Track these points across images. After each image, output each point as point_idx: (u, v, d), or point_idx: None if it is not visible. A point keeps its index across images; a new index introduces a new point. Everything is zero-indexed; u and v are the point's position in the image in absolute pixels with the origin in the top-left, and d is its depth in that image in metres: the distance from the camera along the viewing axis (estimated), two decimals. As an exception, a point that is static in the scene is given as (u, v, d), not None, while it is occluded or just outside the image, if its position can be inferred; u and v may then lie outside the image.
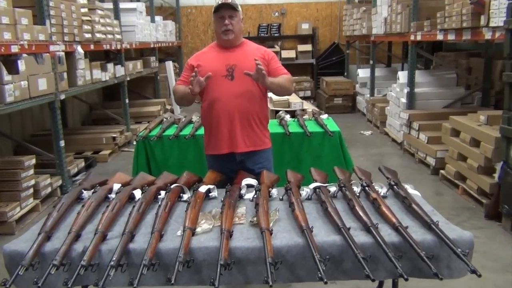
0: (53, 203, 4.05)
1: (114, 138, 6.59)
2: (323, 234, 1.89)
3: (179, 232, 1.91)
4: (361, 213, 1.98)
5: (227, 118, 2.75)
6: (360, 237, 1.85)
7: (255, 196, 2.22)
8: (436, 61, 7.99)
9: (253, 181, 2.46)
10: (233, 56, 2.76)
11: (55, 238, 1.90)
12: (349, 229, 1.86)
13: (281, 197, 2.31)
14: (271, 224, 1.95)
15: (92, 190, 2.29)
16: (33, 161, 4.46)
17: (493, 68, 6.29)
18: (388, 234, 1.86)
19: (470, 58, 7.25)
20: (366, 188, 2.28)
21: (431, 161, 5.37)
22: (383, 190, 2.34)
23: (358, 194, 2.25)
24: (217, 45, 2.85)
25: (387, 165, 2.51)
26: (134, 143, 3.97)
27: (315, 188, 2.29)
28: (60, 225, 2.00)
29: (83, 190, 2.31)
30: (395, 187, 2.30)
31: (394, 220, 1.91)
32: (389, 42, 9.57)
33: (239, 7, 2.75)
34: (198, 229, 1.93)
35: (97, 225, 1.90)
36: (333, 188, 2.33)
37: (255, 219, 1.99)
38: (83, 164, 5.76)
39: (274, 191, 2.37)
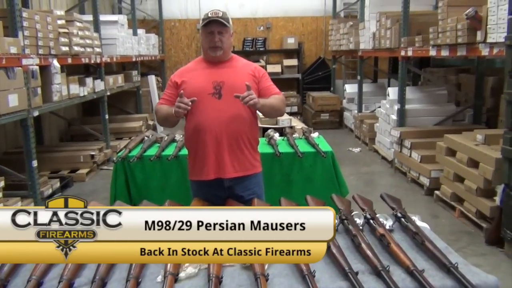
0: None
1: (92, 156, 6.26)
2: (327, 280, 1.64)
3: (159, 278, 1.65)
4: (369, 253, 1.75)
5: (214, 141, 2.49)
6: (370, 283, 1.61)
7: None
8: (425, 76, 7.87)
9: (243, 212, 2.20)
10: (221, 73, 2.50)
11: (12, 287, 1.61)
12: (357, 273, 1.62)
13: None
14: (266, 267, 1.70)
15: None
16: (1, 183, 4.12)
17: (484, 85, 6.17)
18: (402, 279, 1.62)
19: (459, 74, 7.14)
20: (371, 221, 2.04)
21: (424, 181, 5.17)
22: (388, 223, 2.10)
23: (361, 228, 2.02)
24: (203, 60, 2.60)
25: (378, 184, 2.31)
26: (114, 159, 3.69)
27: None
28: (18, 270, 1.71)
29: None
30: (402, 219, 2.06)
31: (408, 262, 1.67)
32: (375, 57, 9.46)
33: (230, 21, 2.50)
34: (182, 274, 1.67)
35: (63, 270, 1.63)
36: (333, 221, 2.09)
37: (247, 260, 1.73)
38: (58, 184, 5.42)
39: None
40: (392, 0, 7.19)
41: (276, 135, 4.01)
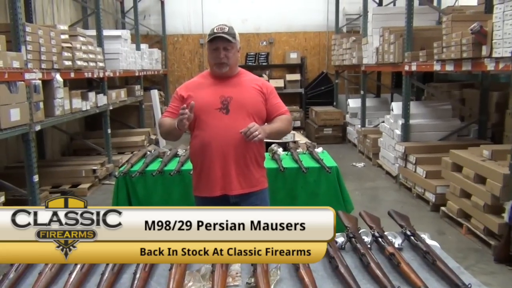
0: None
1: (94, 171, 6.22)
2: (336, 301, 1.58)
3: (161, 299, 1.59)
4: (378, 272, 1.68)
5: (221, 156, 2.44)
6: (380, 304, 1.55)
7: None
8: (429, 91, 7.85)
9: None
10: (228, 87, 2.47)
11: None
12: (366, 294, 1.56)
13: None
14: (271, 287, 1.64)
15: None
16: (2, 198, 4.08)
17: (488, 100, 6.13)
18: (413, 301, 1.56)
19: (463, 89, 7.12)
20: (379, 239, 1.98)
21: (430, 196, 5.10)
22: (397, 241, 2.03)
23: (369, 246, 1.96)
24: (210, 75, 2.56)
25: (383, 200, 2.26)
26: (116, 174, 3.65)
27: (320, 240, 1.98)
28: (17, 288, 1.66)
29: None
30: (412, 238, 2.00)
31: (419, 282, 1.61)
32: (378, 72, 9.46)
33: (237, 36, 2.48)
34: (185, 295, 1.61)
35: (61, 291, 1.58)
36: (340, 239, 2.03)
37: (252, 280, 1.67)
38: (59, 199, 5.36)
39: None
40: (395, 16, 7.23)
41: (280, 150, 3.96)
